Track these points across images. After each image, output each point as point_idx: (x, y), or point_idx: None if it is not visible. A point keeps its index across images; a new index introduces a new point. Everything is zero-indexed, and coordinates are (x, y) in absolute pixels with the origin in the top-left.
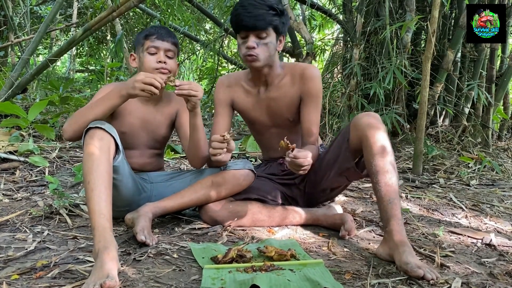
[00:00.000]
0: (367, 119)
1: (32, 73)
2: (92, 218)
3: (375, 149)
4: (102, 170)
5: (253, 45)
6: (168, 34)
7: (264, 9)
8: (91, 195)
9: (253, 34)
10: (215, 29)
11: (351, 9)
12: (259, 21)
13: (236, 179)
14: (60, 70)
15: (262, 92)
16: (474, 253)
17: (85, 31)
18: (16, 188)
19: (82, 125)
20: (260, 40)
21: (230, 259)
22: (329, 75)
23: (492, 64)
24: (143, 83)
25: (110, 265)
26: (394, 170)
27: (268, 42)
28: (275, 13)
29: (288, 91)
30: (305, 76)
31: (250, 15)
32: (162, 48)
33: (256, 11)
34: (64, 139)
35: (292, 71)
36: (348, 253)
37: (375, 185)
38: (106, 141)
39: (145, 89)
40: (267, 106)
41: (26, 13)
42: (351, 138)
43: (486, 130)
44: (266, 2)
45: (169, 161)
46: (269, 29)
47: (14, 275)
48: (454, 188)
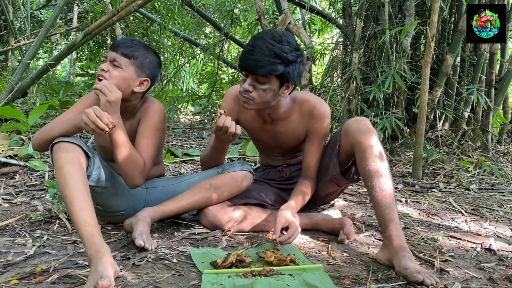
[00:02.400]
0: (358, 124)
1: (32, 77)
2: (78, 229)
3: (367, 154)
4: (76, 181)
5: (248, 88)
6: (120, 43)
7: (269, 56)
8: (71, 207)
9: (252, 77)
10: (215, 33)
11: (351, 14)
12: (259, 67)
13: (235, 181)
14: (60, 74)
15: (268, 123)
16: (474, 257)
17: (86, 36)
18: (15, 193)
19: (45, 139)
20: (259, 85)
21: (229, 264)
22: (329, 79)
23: (491, 69)
24: (87, 117)
25: (104, 267)
26: (388, 174)
27: (266, 88)
28: (281, 62)
29: (296, 127)
30: (314, 116)
31: (253, 58)
32: (109, 57)
33: (260, 56)
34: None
35: (302, 108)
36: (347, 258)
37: (371, 191)
38: (72, 152)
39: (88, 124)
40: (273, 135)
41: (26, 17)
42: (342, 145)
43: (485, 134)
44: (275, 49)
45: (168, 165)
46: (270, 77)
47: (14, 280)
48: (454, 192)
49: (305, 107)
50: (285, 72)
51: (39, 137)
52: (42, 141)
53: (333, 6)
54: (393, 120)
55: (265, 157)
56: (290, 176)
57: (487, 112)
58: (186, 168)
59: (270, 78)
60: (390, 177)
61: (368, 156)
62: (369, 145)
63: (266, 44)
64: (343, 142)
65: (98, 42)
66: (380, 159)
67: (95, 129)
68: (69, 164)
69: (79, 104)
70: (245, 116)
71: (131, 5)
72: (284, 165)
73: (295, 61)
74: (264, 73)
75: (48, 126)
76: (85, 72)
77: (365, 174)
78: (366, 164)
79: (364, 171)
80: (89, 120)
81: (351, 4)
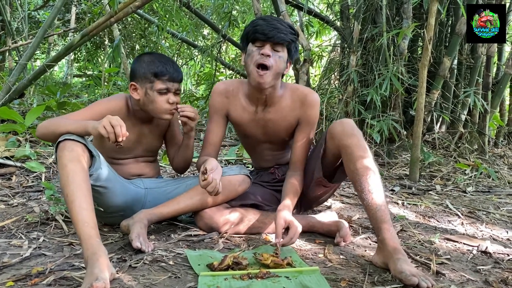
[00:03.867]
0: (342, 127)
1: (30, 78)
2: (77, 229)
3: (354, 157)
4: (78, 180)
5: (269, 53)
6: (178, 72)
7: (285, 26)
8: (71, 206)
9: (270, 44)
10: (213, 35)
11: (348, 16)
12: (279, 33)
13: (232, 185)
14: (57, 75)
15: (260, 111)
16: (470, 260)
17: (83, 37)
18: (12, 194)
19: (51, 131)
20: (275, 53)
21: (226, 266)
22: (326, 82)
23: (488, 72)
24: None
25: (100, 269)
26: (375, 175)
27: (281, 56)
28: (294, 34)
29: (288, 114)
30: (306, 103)
31: (273, 26)
32: (173, 89)
33: (278, 25)
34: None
35: (293, 95)
36: (344, 260)
37: (360, 194)
38: (76, 151)
39: (106, 128)
40: (263, 126)
41: (24, 18)
42: (328, 147)
43: (482, 137)
44: (287, 22)
45: (166, 167)
46: (285, 46)
47: (9, 282)
48: (451, 195)
49: (297, 95)
50: (293, 47)
51: (46, 125)
52: (48, 130)
53: (331, 8)
54: (390, 123)
55: (256, 159)
56: (282, 177)
57: (484, 114)
58: None
59: (284, 48)
60: (379, 178)
61: (355, 158)
62: (355, 147)
63: (276, 19)
64: (329, 145)
65: (96, 43)
66: (367, 161)
67: (111, 133)
68: (73, 163)
69: (92, 108)
70: (235, 108)
71: (129, 7)
72: (275, 166)
73: (297, 38)
74: (283, 39)
75: (59, 118)
76: (83, 73)
77: (353, 177)
78: (353, 166)
79: (352, 173)
80: (109, 124)
81: (349, 6)
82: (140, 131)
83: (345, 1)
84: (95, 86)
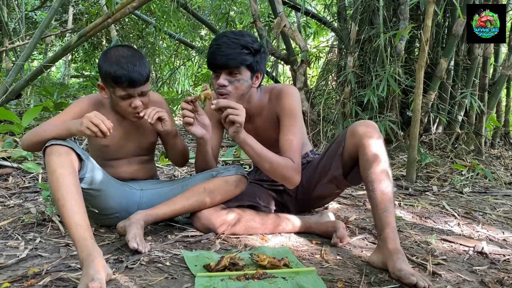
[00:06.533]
0: (365, 128)
1: (27, 78)
2: (70, 232)
3: (372, 158)
4: (68, 184)
5: (224, 83)
6: (139, 74)
7: (237, 48)
8: (63, 210)
9: (225, 72)
10: (210, 36)
11: (346, 17)
12: (230, 60)
13: (229, 185)
14: (55, 76)
15: (246, 122)
16: (466, 261)
17: (80, 37)
18: (8, 195)
19: (36, 141)
20: (232, 78)
21: (222, 267)
22: (324, 83)
23: (484, 73)
24: (90, 121)
25: (95, 270)
26: (389, 179)
27: (240, 79)
28: (249, 52)
29: (270, 115)
30: (281, 96)
31: (222, 54)
32: (135, 93)
33: (229, 50)
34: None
35: (271, 96)
36: (340, 261)
37: (371, 193)
38: (65, 155)
39: (90, 128)
40: (255, 134)
41: (21, 18)
42: (347, 146)
43: (479, 137)
44: (240, 42)
45: (163, 167)
46: (242, 68)
47: (5, 283)
48: (447, 195)
49: (273, 93)
50: (254, 62)
51: (29, 137)
52: (32, 142)
53: (328, 9)
54: (387, 124)
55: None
56: None
57: (480, 115)
58: (180, 170)
59: (241, 69)
60: (391, 182)
61: (372, 159)
62: (375, 149)
63: (230, 39)
64: (349, 143)
65: (93, 44)
66: (383, 164)
67: (97, 132)
68: (62, 167)
69: (70, 110)
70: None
71: (126, 7)
72: None
73: (260, 50)
74: (237, 64)
75: (39, 127)
76: (80, 74)
77: (367, 177)
78: (369, 167)
79: (367, 174)
80: (92, 124)
81: (346, 7)
82: (128, 126)
83: (342, 2)
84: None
